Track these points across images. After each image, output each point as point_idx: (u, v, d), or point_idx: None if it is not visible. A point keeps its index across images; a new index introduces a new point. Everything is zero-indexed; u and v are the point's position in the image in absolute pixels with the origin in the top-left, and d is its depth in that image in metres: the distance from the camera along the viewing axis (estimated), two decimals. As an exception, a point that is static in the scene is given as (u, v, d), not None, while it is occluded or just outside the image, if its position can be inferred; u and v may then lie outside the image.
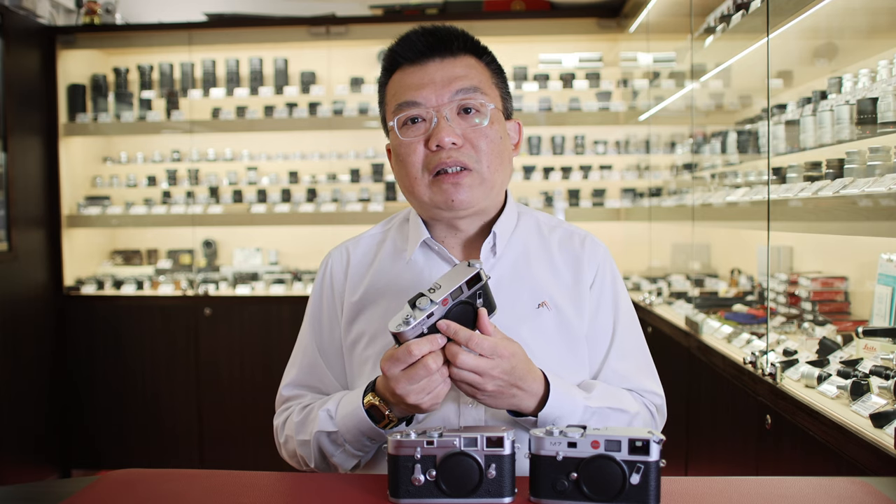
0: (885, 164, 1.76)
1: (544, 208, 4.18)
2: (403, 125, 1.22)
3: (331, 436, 1.19)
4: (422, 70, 1.23)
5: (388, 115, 1.25)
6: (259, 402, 3.80)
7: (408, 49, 1.24)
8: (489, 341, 1.05)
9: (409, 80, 1.23)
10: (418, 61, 1.23)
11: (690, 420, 2.67)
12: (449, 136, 1.18)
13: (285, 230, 4.41)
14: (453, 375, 1.05)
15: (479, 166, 1.21)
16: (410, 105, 1.21)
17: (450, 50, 1.24)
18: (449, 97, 1.21)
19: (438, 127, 1.19)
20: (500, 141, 1.24)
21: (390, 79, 1.27)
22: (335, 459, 1.21)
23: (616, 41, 4.32)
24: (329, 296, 1.33)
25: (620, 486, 0.93)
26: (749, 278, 3.14)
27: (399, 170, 1.25)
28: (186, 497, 1.02)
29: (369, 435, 1.14)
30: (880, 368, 1.65)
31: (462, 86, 1.21)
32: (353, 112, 4.18)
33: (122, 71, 4.35)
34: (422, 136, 1.21)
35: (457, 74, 1.22)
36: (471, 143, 1.20)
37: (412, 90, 1.21)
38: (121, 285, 4.21)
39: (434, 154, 1.20)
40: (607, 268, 1.32)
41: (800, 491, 1.01)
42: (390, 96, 1.26)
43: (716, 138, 3.18)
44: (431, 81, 1.21)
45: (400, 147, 1.23)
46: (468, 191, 1.20)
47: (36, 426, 3.92)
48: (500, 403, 1.10)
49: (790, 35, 2.20)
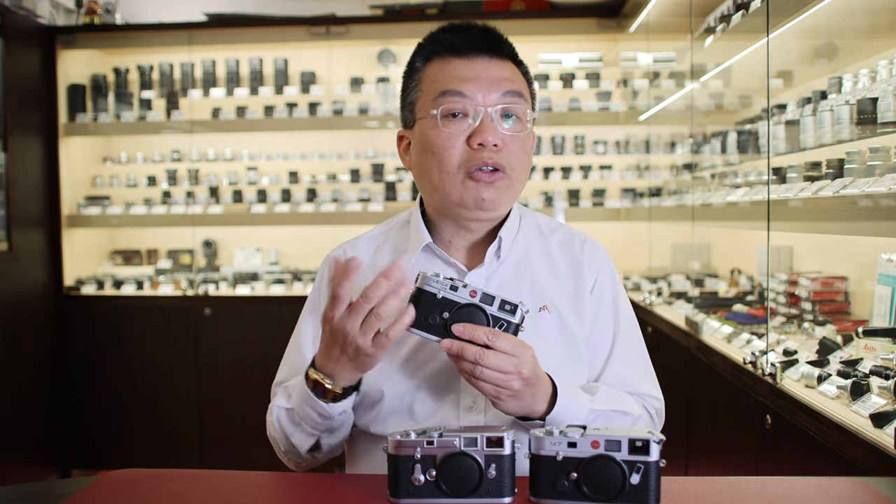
0: (885, 164, 1.76)
1: (544, 208, 4.18)
2: (445, 116, 1.18)
3: (289, 412, 1.19)
4: (470, 64, 1.20)
5: (425, 103, 1.21)
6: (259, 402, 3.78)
7: (460, 40, 1.21)
8: (510, 339, 1.04)
9: (456, 71, 1.19)
10: (468, 55, 1.20)
11: (690, 420, 2.67)
12: (494, 136, 1.17)
13: (285, 230, 4.41)
14: (479, 377, 1.04)
15: (511, 172, 1.20)
16: (457, 95, 1.17)
17: (499, 51, 1.22)
18: (496, 98, 1.18)
19: (484, 125, 1.17)
20: (529, 150, 1.24)
21: (427, 65, 1.23)
22: (294, 439, 1.19)
23: (616, 41, 4.32)
24: (326, 296, 1.33)
25: (620, 486, 0.93)
26: (749, 278, 3.14)
27: (427, 161, 1.21)
28: (186, 497, 1.02)
29: (318, 410, 1.13)
30: (880, 368, 1.65)
31: (510, 88, 1.19)
32: (353, 112, 4.18)
33: (122, 71, 4.35)
34: (464, 132, 1.18)
35: (505, 76, 1.20)
36: (507, 148, 1.19)
37: (459, 81, 1.18)
38: (121, 285, 4.21)
39: (475, 152, 1.17)
40: (607, 271, 1.32)
41: (800, 491, 1.01)
42: (428, 83, 1.21)
43: (716, 138, 3.18)
44: (479, 77, 1.18)
45: (437, 138, 1.18)
46: (498, 192, 1.19)
47: (36, 426, 3.92)
48: (519, 406, 1.09)
49: (790, 35, 2.20)
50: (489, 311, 1.05)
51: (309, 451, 1.21)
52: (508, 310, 1.06)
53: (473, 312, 1.05)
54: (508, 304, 1.06)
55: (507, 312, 1.06)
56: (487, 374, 1.03)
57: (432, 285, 1.05)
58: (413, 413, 1.20)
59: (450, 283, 1.05)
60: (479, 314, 1.05)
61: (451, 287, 1.05)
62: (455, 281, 1.06)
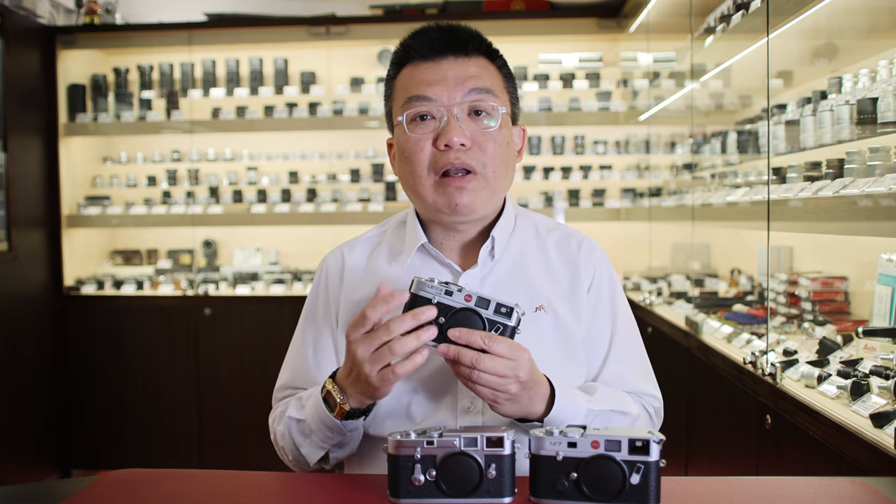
0: (885, 164, 1.76)
1: (544, 208, 4.18)
2: (412, 121, 1.20)
3: (300, 424, 1.19)
4: (435, 66, 1.20)
5: (396, 110, 1.23)
6: (259, 402, 3.79)
7: (422, 44, 1.21)
8: (506, 342, 1.04)
9: (421, 76, 1.20)
10: (432, 58, 1.21)
11: (690, 420, 2.67)
12: (458, 136, 1.16)
13: (285, 230, 4.41)
14: (476, 381, 1.04)
15: (484, 170, 1.19)
16: (421, 100, 1.19)
17: (464, 49, 1.22)
18: (461, 96, 1.18)
19: (448, 126, 1.17)
20: (507, 146, 1.23)
21: (400, 72, 1.24)
22: (304, 450, 1.20)
23: (616, 41, 4.32)
24: (324, 299, 1.33)
25: (620, 486, 0.93)
26: (749, 278, 3.14)
27: (403, 167, 1.23)
28: (186, 497, 1.02)
29: (328, 424, 1.13)
30: (880, 368, 1.65)
31: (475, 85, 1.19)
32: (353, 112, 4.18)
33: (122, 71, 4.35)
34: (430, 135, 1.19)
35: (470, 74, 1.20)
36: (478, 146, 1.19)
37: (424, 85, 1.19)
38: (121, 285, 4.21)
39: (441, 154, 1.18)
40: (604, 271, 1.32)
41: (800, 491, 1.01)
42: (399, 90, 1.23)
43: (716, 138, 3.18)
44: (444, 79, 1.19)
45: (406, 143, 1.20)
46: (472, 195, 1.19)
47: (36, 426, 3.92)
48: (516, 409, 1.09)
49: (790, 35, 2.20)
50: (485, 314, 1.05)
51: (317, 461, 1.22)
52: (504, 313, 1.05)
53: (469, 317, 1.05)
54: (504, 307, 1.05)
55: (502, 316, 1.05)
56: (484, 379, 1.03)
57: (427, 291, 1.05)
58: (410, 415, 1.20)
59: (444, 288, 1.05)
60: (474, 318, 1.05)
61: (447, 292, 1.05)
62: (450, 285, 1.06)
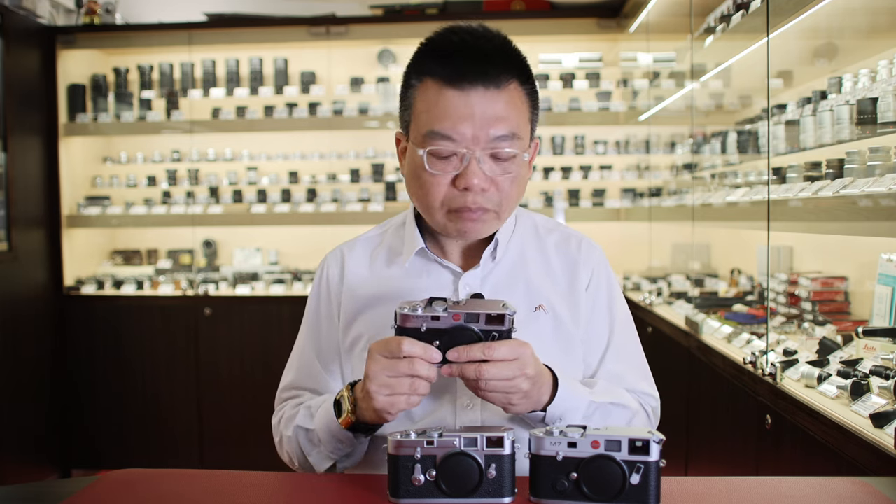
0: (885, 164, 1.76)
1: (544, 208, 4.18)
2: (432, 156, 1.15)
3: (308, 433, 1.20)
4: (462, 98, 1.12)
5: (415, 133, 1.18)
6: (259, 402, 3.79)
7: (448, 69, 1.13)
8: (506, 345, 1.03)
9: (445, 106, 1.13)
10: (460, 85, 1.12)
11: (690, 420, 2.67)
12: (480, 180, 1.14)
13: (285, 230, 4.41)
14: (485, 389, 1.04)
15: (499, 208, 1.19)
16: (445, 139, 1.13)
17: (495, 80, 1.13)
18: (486, 141, 1.13)
19: (469, 170, 1.13)
20: (523, 179, 1.21)
21: (420, 85, 1.17)
22: (311, 459, 1.21)
23: (616, 41, 4.32)
24: (326, 298, 1.33)
25: (620, 486, 0.93)
26: (749, 278, 3.14)
27: (415, 187, 1.20)
28: (186, 497, 1.02)
29: (337, 436, 1.14)
30: (880, 368, 1.65)
31: (502, 132, 1.13)
32: (353, 112, 4.17)
33: (122, 71, 4.35)
34: (451, 173, 1.15)
35: (498, 115, 1.13)
36: (496, 186, 1.17)
37: (449, 122, 1.13)
38: (121, 285, 4.21)
39: (460, 194, 1.15)
40: (602, 270, 1.32)
41: (800, 491, 1.01)
42: (419, 111, 1.17)
43: (716, 138, 3.18)
44: (471, 116, 1.12)
45: (423, 174, 1.17)
46: (482, 225, 1.19)
47: (36, 426, 3.92)
48: (530, 404, 1.09)
49: (790, 35, 2.20)
50: (477, 328, 1.04)
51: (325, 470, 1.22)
52: (496, 317, 1.04)
53: (462, 335, 1.04)
54: (493, 314, 1.04)
55: (494, 323, 1.04)
56: (493, 385, 1.03)
57: (413, 322, 1.04)
58: (410, 413, 1.20)
59: (430, 314, 1.03)
60: (468, 335, 1.04)
61: (433, 317, 1.04)
62: (434, 307, 1.04)
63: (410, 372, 1.02)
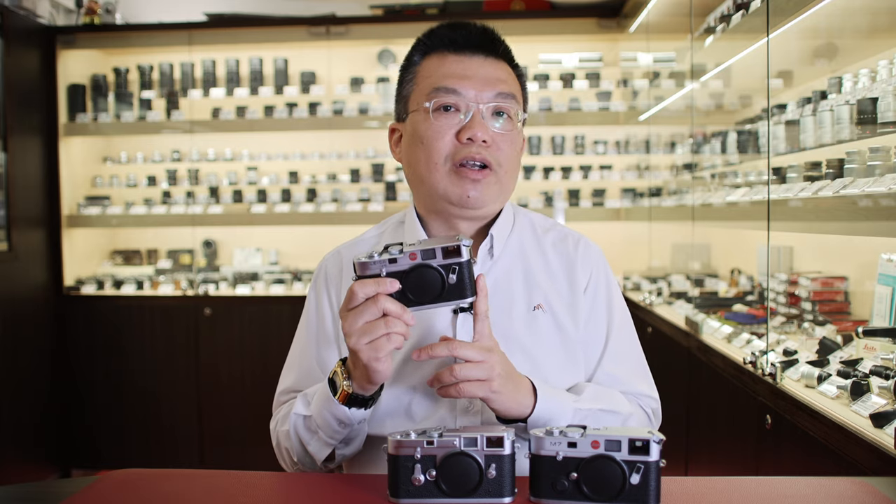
0: (885, 164, 1.76)
1: (544, 208, 4.18)
2: (436, 110, 1.21)
3: (306, 420, 1.19)
4: (466, 61, 1.23)
5: (419, 96, 1.23)
6: (259, 402, 3.79)
7: (459, 36, 1.24)
8: (471, 348, 1.06)
9: (451, 68, 1.22)
10: (463, 52, 1.23)
11: (690, 420, 2.67)
12: (483, 132, 1.19)
13: (285, 230, 4.41)
14: (461, 390, 1.05)
15: (499, 168, 1.22)
16: (450, 92, 1.20)
17: (495, 51, 1.25)
18: (489, 97, 1.21)
19: (474, 121, 1.20)
20: (518, 150, 1.26)
21: (425, 59, 1.25)
22: (311, 448, 1.19)
23: (616, 41, 4.32)
24: (325, 298, 1.33)
25: (620, 486, 0.93)
26: (749, 278, 3.14)
27: (417, 153, 1.23)
28: (186, 497, 1.02)
29: (336, 416, 1.12)
30: (880, 368, 1.65)
31: (503, 90, 1.22)
32: (353, 112, 4.17)
33: (122, 71, 4.35)
34: (454, 127, 1.20)
35: (499, 77, 1.23)
36: (497, 145, 1.21)
37: (454, 78, 1.21)
38: (121, 285, 4.21)
39: (463, 146, 1.20)
40: (601, 271, 1.32)
41: (800, 491, 1.01)
42: (423, 77, 1.24)
43: (716, 138, 3.18)
44: (475, 75, 1.21)
45: (428, 130, 1.21)
46: (484, 189, 1.20)
47: (36, 426, 3.92)
48: (509, 399, 1.09)
49: (790, 35, 2.20)
50: (436, 263, 1.03)
51: (324, 461, 1.21)
52: (452, 250, 1.03)
53: (423, 273, 1.03)
54: (450, 247, 1.03)
55: (452, 255, 1.03)
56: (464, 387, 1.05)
57: (372, 269, 1.03)
58: (411, 414, 1.20)
59: (387, 257, 1.03)
60: (429, 273, 1.03)
61: (390, 260, 1.03)
62: (391, 250, 1.03)
63: (378, 312, 1.02)
